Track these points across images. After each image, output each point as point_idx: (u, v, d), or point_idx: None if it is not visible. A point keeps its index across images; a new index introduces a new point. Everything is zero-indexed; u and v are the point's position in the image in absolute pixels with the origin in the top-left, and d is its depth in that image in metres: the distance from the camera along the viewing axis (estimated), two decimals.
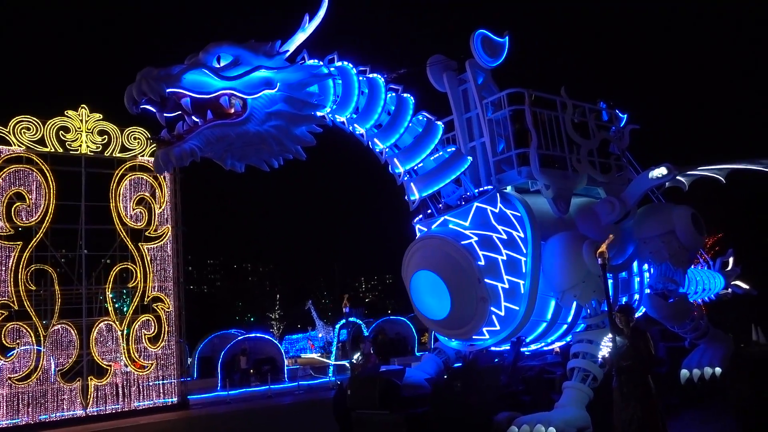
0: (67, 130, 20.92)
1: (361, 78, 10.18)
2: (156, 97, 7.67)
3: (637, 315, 12.37)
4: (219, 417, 19.83)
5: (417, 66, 11.49)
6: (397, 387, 10.00)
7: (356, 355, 11.72)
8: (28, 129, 20.35)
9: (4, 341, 19.15)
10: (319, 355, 29.46)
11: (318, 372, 26.57)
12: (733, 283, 14.96)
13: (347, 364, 23.94)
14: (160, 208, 22.16)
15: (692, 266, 14.04)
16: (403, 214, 11.71)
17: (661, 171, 10.71)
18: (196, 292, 62.80)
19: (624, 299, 11.80)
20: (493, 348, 11.17)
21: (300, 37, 9.29)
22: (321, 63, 9.69)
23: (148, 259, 21.74)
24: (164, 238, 22.10)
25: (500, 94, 11.58)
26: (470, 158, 11.14)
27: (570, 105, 11.91)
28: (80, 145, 21.07)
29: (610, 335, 8.60)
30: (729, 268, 15.09)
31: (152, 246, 21.90)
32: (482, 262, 10.39)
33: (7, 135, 19.97)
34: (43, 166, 20.34)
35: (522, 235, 10.78)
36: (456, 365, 11.39)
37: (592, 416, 9.42)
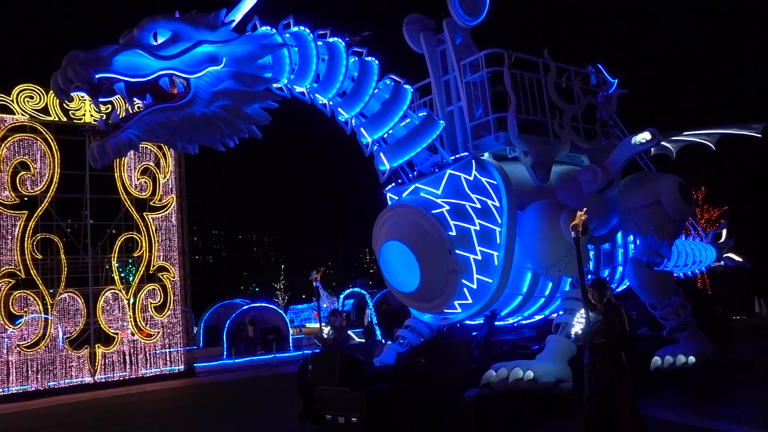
0: (70, 98, 20.88)
1: (319, 43, 9.53)
2: (84, 84, 7.00)
3: (621, 288, 11.85)
4: (225, 384, 20.00)
5: (389, 26, 10.86)
6: (359, 363, 9.68)
7: (327, 329, 11.42)
8: (32, 97, 20.38)
9: (12, 309, 19.50)
10: (324, 325, 29.51)
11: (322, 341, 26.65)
12: (725, 255, 14.17)
13: (351, 334, 23.90)
14: (164, 177, 22.15)
15: (683, 238, 13.32)
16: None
17: (644, 136, 10.02)
18: (202, 262, 63.60)
19: (607, 272, 11.24)
20: (467, 322, 10.76)
21: (247, 4, 8.49)
22: (274, 30, 8.98)
23: (153, 228, 21.82)
24: (169, 207, 22.13)
25: (478, 55, 10.93)
26: (443, 123, 10.60)
27: (553, 67, 11.20)
28: (84, 114, 21.05)
29: (582, 311, 8.14)
30: (722, 240, 14.28)
31: (157, 216, 21.96)
32: (453, 233, 9.94)
33: (10, 104, 20.03)
34: (47, 135, 20.40)
35: (497, 204, 10.29)
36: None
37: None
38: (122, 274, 22.19)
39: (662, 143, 11.79)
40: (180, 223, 22.32)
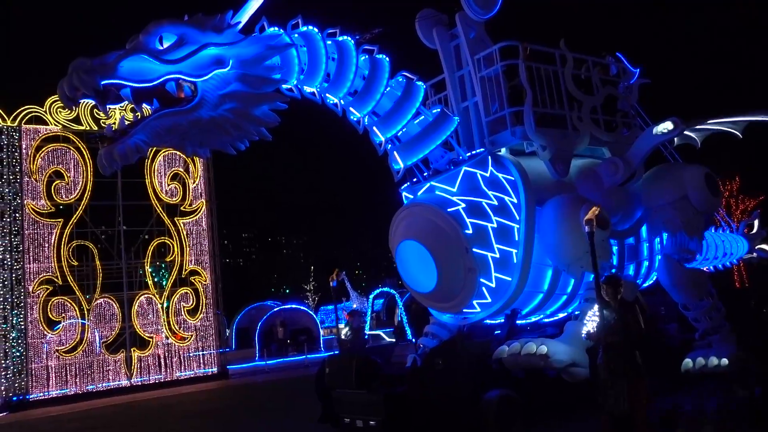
0: (77, 105, 21.32)
1: (329, 42, 9.41)
2: (89, 91, 6.97)
3: (647, 284, 11.45)
4: (257, 386, 20.20)
5: (402, 23, 10.69)
6: (375, 365, 9.55)
7: (345, 330, 11.31)
8: (64, 108, 20.89)
9: (50, 315, 20.05)
10: (341, 325, 29.54)
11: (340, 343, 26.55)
12: (758, 247, 13.57)
13: (381, 334, 23.84)
14: (194, 183, 22.49)
15: (713, 230, 12.80)
16: None
17: (666, 126, 9.62)
18: (232, 265, 64.35)
19: (632, 267, 10.86)
20: (487, 321, 10.53)
21: (253, 5, 8.39)
22: (281, 31, 8.87)
23: (184, 233, 22.16)
24: (199, 212, 22.45)
25: (492, 49, 10.67)
26: (458, 119, 10.39)
27: (570, 58, 10.86)
28: (114, 123, 21.42)
29: (596, 309, 7.88)
30: (754, 231, 13.68)
31: (188, 220, 22.30)
32: (470, 231, 9.71)
33: (43, 114, 20.57)
34: (79, 144, 20.89)
35: (515, 200, 10.02)
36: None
37: (579, 393, 8.71)
38: (155, 279, 22.58)
39: (686, 133, 11.33)
40: (210, 227, 22.62)
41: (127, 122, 7.62)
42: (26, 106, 20.37)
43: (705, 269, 11.90)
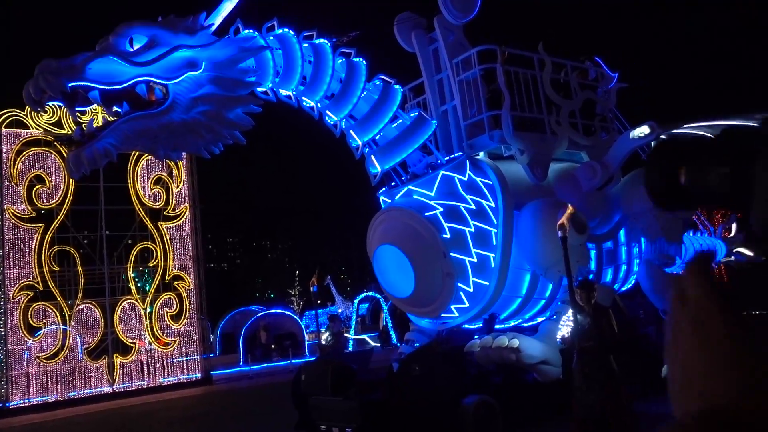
0: (83, 111, 21.12)
1: (305, 45, 9.38)
2: (56, 93, 6.86)
3: (626, 287, 11.46)
4: (242, 391, 20.02)
5: (381, 26, 10.65)
6: (352, 371, 9.45)
7: (325, 335, 11.21)
8: (45, 111, 20.64)
9: (31, 321, 19.73)
10: (321, 330, 29.48)
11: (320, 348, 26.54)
12: (735, 250, 13.64)
13: (366, 338, 23.76)
14: (177, 187, 22.26)
15: (692, 233, 12.86)
16: None
17: (643, 130, 9.65)
18: (217, 270, 64.05)
19: (610, 271, 10.86)
20: (466, 326, 10.49)
21: (227, 6, 8.39)
22: (256, 33, 8.83)
23: (168, 238, 21.92)
24: (182, 217, 22.22)
25: (470, 52, 10.66)
26: (435, 122, 10.36)
27: (549, 62, 10.87)
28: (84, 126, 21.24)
29: (570, 314, 7.85)
30: (731, 234, 13.76)
31: (171, 225, 22.06)
32: (447, 235, 9.70)
33: (24, 118, 20.29)
34: (61, 148, 20.56)
35: (493, 204, 10.02)
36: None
37: (554, 398, 8.67)
38: (138, 284, 22.36)
39: (662, 136, 11.35)
40: (194, 231, 22.40)
41: (95, 126, 7.51)
42: (7, 110, 20.13)
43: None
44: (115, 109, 7.69)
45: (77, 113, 7.79)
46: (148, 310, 21.38)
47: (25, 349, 19.61)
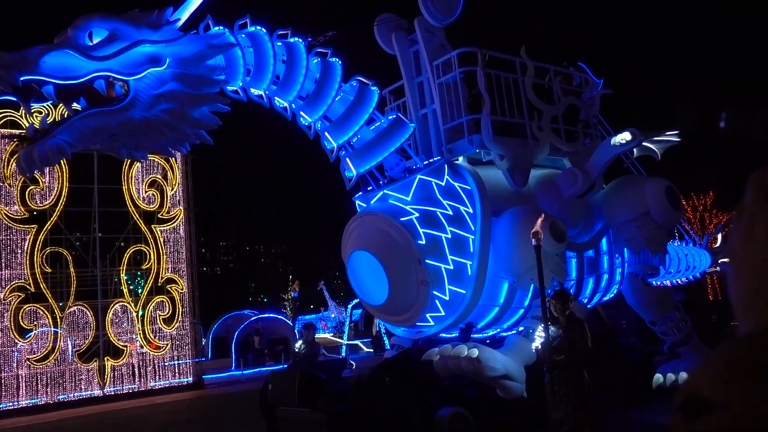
0: (38, 107, 21.10)
1: (278, 44, 9.13)
2: (6, 87, 6.59)
3: (608, 297, 11.15)
4: (234, 396, 19.80)
5: (362, 27, 10.43)
6: (319, 381, 9.16)
7: (299, 343, 10.94)
8: (40, 112, 20.52)
9: (21, 323, 19.63)
10: (332, 335, 29.30)
11: (331, 352, 26.40)
12: (720, 261, 13.28)
13: (359, 344, 23.52)
14: (172, 190, 22.16)
15: (677, 243, 12.52)
16: None
17: (624, 137, 9.34)
18: (210, 273, 64.16)
19: (591, 281, 10.53)
20: (442, 335, 10.19)
21: (195, 2, 8.05)
22: (225, 30, 8.54)
23: (161, 240, 21.81)
24: (177, 220, 22.12)
25: (450, 55, 10.39)
26: (413, 125, 10.11)
27: (531, 67, 10.59)
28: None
29: (542, 326, 7.56)
30: (717, 244, 13.42)
31: (165, 228, 21.96)
32: (423, 241, 9.41)
33: (19, 119, 20.28)
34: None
35: (471, 210, 9.73)
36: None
37: (529, 411, 8.37)
38: (131, 287, 22.25)
39: (644, 144, 11.04)
40: (188, 235, 22.28)
41: (49, 122, 7.24)
42: (1, 110, 20.12)
43: (668, 283, 11.60)
44: (74, 106, 7.47)
45: (31, 108, 7.45)
46: (141, 313, 21.25)
47: (15, 351, 19.51)
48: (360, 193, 10.57)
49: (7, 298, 19.57)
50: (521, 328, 9.41)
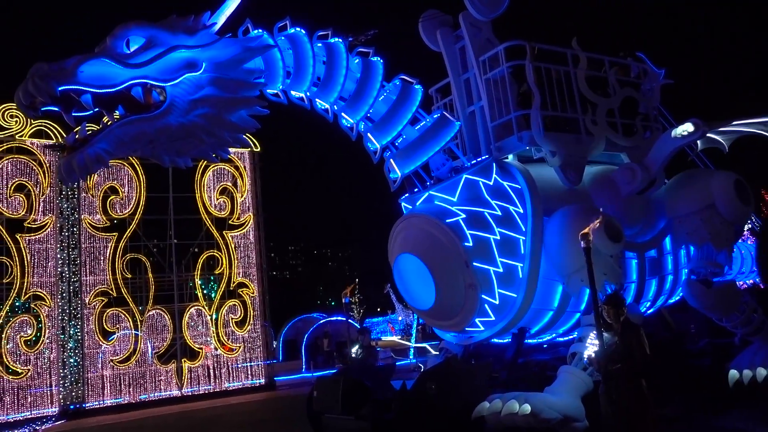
0: (38, 114, 21.72)
1: (318, 45, 9.04)
2: (45, 98, 6.67)
3: (672, 300, 10.39)
4: (304, 397, 19.75)
5: (407, 24, 10.20)
6: (364, 388, 8.91)
7: (355, 348, 10.74)
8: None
9: (105, 326, 20.61)
10: (399, 337, 29.09)
11: (399, 354, 26.18)
12: None
13: (427, 347, 23.17)
14: (241, 196, 22.70)
15: (749, 242, 11.46)
16: None
17: (686, 128, 8.62)
18: (279, 277, 64.97)
19: (654, 282, 9.82)
20: (495, 340, 9.80)
21: (231, 5, 8.00)
22: (262, 32, 8.48)
23: (233, 246, 22.37)
24: (247, 225, 22.63)
25: (497, 49, 9.96)
26: (459, 124, 9.77)
27: (584, 58, 10.00)
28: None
29: (595, 333, 7.06)
30: None
31: (236, 234, 22.51)
32: (470, 243, 9.07)
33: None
34: (133, 161, 21.46)
35: (521, 210, 9.30)
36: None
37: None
38: (204, 291, 22.91)
39: (709, 135, 10.18)
40: (257, 240, 22.74)
41: (88, 131, 7.28)
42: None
43: (742, 284, 10.68)
44: (116, 115, 7.55)
45: (74, 119, 7.42)
46: (214, 316, 21.86)
47: (100, 353, 20.48)
48: (406, 195, 10.33)
49: (92, 302, 20.57)
50: (583, 326, 8.84)
